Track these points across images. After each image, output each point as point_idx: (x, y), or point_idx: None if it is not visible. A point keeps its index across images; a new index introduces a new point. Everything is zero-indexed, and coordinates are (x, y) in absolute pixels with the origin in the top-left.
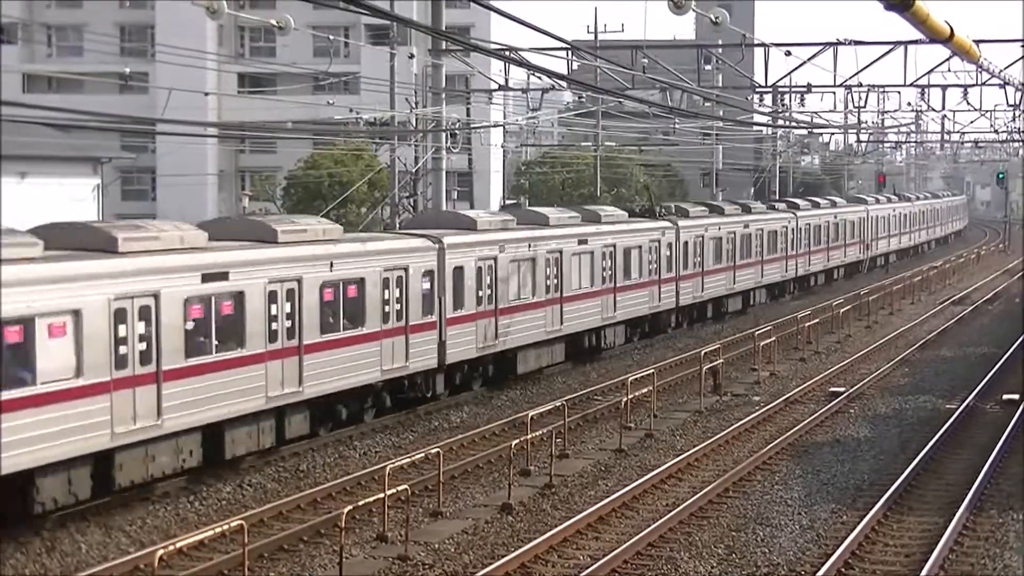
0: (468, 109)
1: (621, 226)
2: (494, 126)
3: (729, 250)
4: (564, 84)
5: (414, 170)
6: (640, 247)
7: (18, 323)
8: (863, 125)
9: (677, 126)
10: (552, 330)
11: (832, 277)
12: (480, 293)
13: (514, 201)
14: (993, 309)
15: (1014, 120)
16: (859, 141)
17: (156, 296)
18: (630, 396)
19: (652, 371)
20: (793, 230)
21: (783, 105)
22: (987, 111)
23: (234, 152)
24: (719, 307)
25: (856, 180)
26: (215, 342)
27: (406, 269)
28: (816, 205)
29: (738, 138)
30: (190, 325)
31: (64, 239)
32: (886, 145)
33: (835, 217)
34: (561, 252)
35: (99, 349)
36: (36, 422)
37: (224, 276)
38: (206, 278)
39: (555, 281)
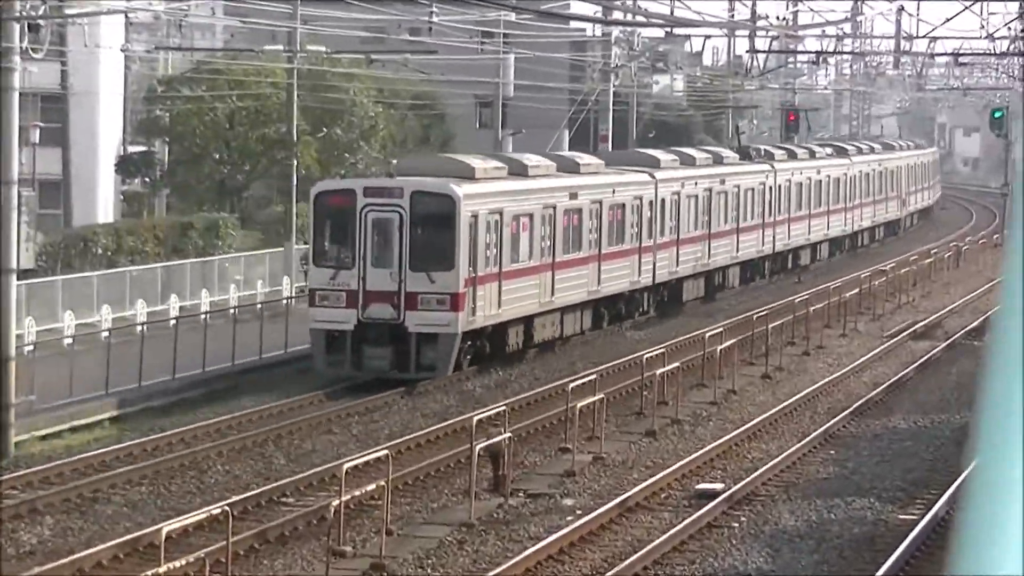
0: None
1: (746, 167)
2: (108, 14)
3: (807, 198)
4: None
5: None
6: (752, 190)
7: (515, 219)
8: (761, 23)
9: (436, 20)
10: (735, 256)
11: (874, 237)
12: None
13: (143, 150)
14: (982, 346)
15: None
16: (754, 51)
17: (554, 208)
18: (345, 498)
19: (385, 452)
20: (850, 178)
21: None
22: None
23: None
24: (796, 259)
25: (749, 118)
26: (570, 245)
27: (640, 198)
28: (860, 151)
29: (544, 44)
30: (564, 229)
31: (513, 165)
32: (800, 60)
33: (880, 165)
34: (739, 187)
35: (538, 241)
36: (517, 287)
37: (576, 196)
38: (571, 196)
39: (737, 213)
